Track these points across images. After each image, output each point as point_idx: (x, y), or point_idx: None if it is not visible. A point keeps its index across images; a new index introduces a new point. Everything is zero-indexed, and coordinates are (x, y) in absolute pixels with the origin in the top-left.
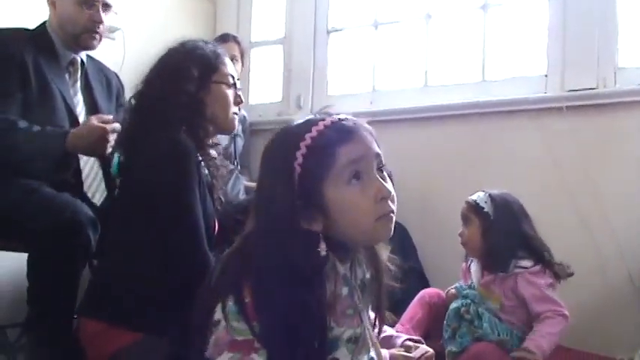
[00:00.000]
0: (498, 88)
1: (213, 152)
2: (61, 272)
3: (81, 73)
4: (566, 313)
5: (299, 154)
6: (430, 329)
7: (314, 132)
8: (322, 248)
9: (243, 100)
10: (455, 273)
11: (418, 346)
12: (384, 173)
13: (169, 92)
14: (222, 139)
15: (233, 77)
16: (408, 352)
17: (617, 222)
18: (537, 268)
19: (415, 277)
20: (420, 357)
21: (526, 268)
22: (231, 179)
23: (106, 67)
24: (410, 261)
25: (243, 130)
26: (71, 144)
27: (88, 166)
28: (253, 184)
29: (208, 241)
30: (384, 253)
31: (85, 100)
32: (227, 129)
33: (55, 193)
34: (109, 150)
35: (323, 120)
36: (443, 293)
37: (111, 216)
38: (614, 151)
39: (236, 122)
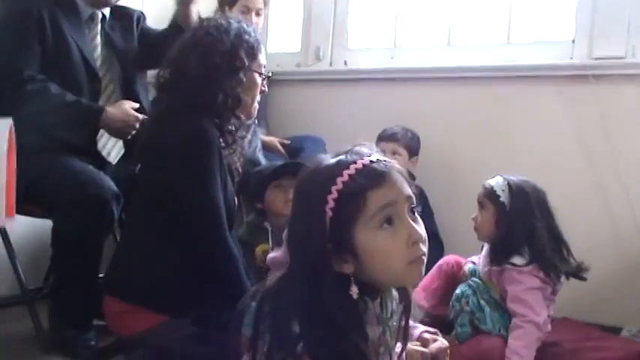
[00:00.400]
0: (523, 51)
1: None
2: (85, 243)
3: (101, 27)
4: (538, 320)
5: (330, 198)
6: (448, 298)
7: (345, 176)
8: (354, 291)
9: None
10: (470, 237)
11: (436, 339)
12: (415, 214)
13: (217, 79)
14: None
15: (264, 67)
16: (425, 347)
17: (636, 194)
18: (529, 267)
19: (430, 240)
20: (435, 351)
21: (516, 265)
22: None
23: (128, 9)
24: (426, 224)
25: None
26: (104, 123)
27: None
28: (270, 139)
29: (229, 222)
30: None
31: (106, 54)
32: (248, 116)
33: (79, 165)
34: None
35: (354, 163)
36: (462, 260)
37: (135, 192)
38: (638, 122)
39: (256, 111)
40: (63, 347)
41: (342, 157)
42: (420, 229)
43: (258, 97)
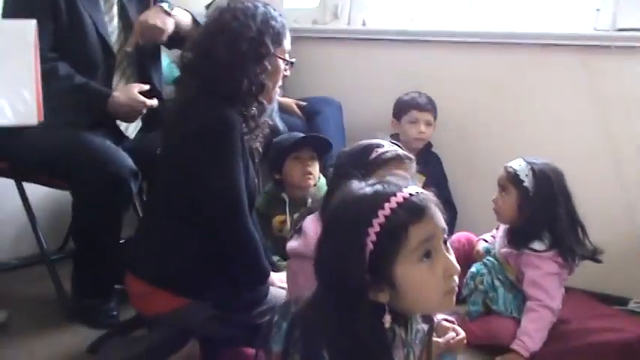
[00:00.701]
0: (545, 18)
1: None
2: (104, 219)
3: None
4: (553, 305)
5: (372, 232)
6: (460, 276)
7: (387, 209)
8: (387, 320)
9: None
10: (483, 204)
11: (454, 328)
12: (448, 245)
13: (243, 65)
14: None
15: (289, 52)
16: (441, 335)
17: None
18: (549, 254)
19: (442, 203)
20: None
21: (536, 250)
22: None
23: None
24: (440, 190)
25: None
26: (112, 108)
27: (121, 85)
28: (286, 100)
29: (250, 205)
30: None
31: (121, 27)
32: (269, 101)
33: (98, 142)
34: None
35: (394, 195)
36: (474, 238)
37: (156, 173)
38: None
39: (277, 96)
40: (85, 316)
41: (379, 187)
42: (454, 261)
43: (280, 82)
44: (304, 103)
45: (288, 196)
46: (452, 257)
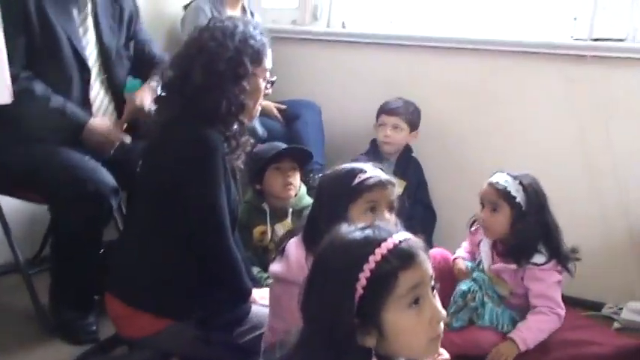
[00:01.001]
0: (524, 26)
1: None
2: (84, 235)
3: (92, 6)
4: (562, 313)
5: (362, 277)
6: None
7: (378, 255)
8: None
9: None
10: (463, 209)
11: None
12: (435, 291)
13: (222, 88)
14: None
15: (270, 71)
16: None
17: (625, 176)
18: (550, 264)
19: (421, 207)
20: None
21: (537, 264)
22: None
23: None
24: (420, 195)
25: None
26: (85, 137)
27: (98, 99)
28: (266, 103)
29: (232, 225)
30: None
31: (95, 39)
32: (249, 119)
33: (77, 158)
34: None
35: (385, 241)
36: (449, 255)
37: (137, 191)
38: (633, 106)
39: (257, 114)
40: (63, 330)
41: (369, 232)
42: (440, 307)
43: (261, 100)
44: (284, 107)
45: (269, 207)
46: (438, 304)
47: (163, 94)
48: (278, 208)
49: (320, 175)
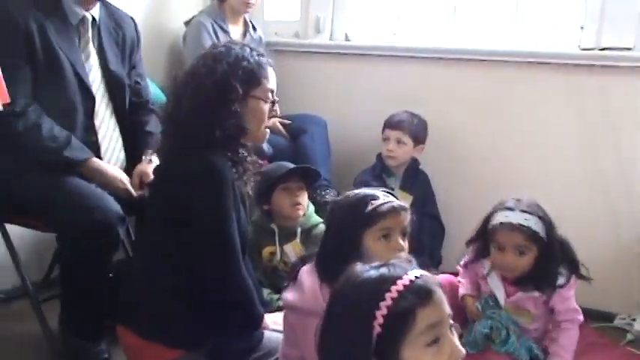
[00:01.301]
0: (530, 35)
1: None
2: (92, 263)
3: (93, 32)
4: (582, 317)
5: (379, 315)
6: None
7: (394, 292)
8: None
9: (277, 106)
10: (471, 221)
11: None
12: (452, 328)
13: (211, 112)
14: None
15: (273, 92)
16: None
17: (634, 185)
18: (572, 281)
19: (429, 220)
20: None
21: (562, 286)
22: None
23: (120, 13)
24: (428, 207)
25: None
26: (87, 171)
27: (104, 125)
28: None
29: (242, 249)
30: None
31: (99, 64)
32: (256, 141)
33: (83, 187)
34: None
35: (400, 278)
36: (455, 281)
37: (146, 222)
38: None
39: (267, 135)
40: (73, 358)
41: (384, 270)
42: (459, 344)
43: (269, 122)
44: (289, 122)
45: (278, 227)
46: (457, 341)
47: (164, 126)
48: (286, 228)
49: (326, 192)
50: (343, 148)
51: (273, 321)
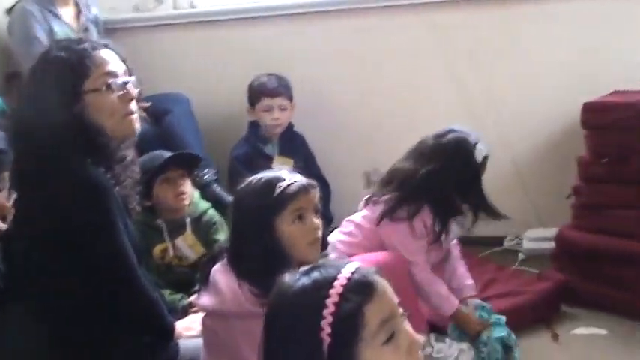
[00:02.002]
0: None
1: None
2: None
3: None
4: None
5: (325, 324)
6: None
7: (334, 296)
8: None
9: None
10: (352, 174)
11: None
12: (405, 314)
13: (45, 116)
14: None
15: (112, 74)
16: None
17: (504, 112)
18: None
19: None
20: None
21: None
22: None
23: None
24: (310, 168)
25: (99, 32)
26: None
27: None
28: None
29: (137, 259)
30: None
31: None
32: (124, 135)
33: None
34: None
35: (336, 279)
36: (389, 258)
37: (15, 250)
38: (505, 45)
39: (135, 124)
40: None
41: (316, 274)
42: (414, 333)
43: (129, 107)
44: (148, 104)
45: (164, 221)
46: (413, 331)
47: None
48: (174, 221)
49: (205, 172)
50: (211, 121)
51: (185, 327)
